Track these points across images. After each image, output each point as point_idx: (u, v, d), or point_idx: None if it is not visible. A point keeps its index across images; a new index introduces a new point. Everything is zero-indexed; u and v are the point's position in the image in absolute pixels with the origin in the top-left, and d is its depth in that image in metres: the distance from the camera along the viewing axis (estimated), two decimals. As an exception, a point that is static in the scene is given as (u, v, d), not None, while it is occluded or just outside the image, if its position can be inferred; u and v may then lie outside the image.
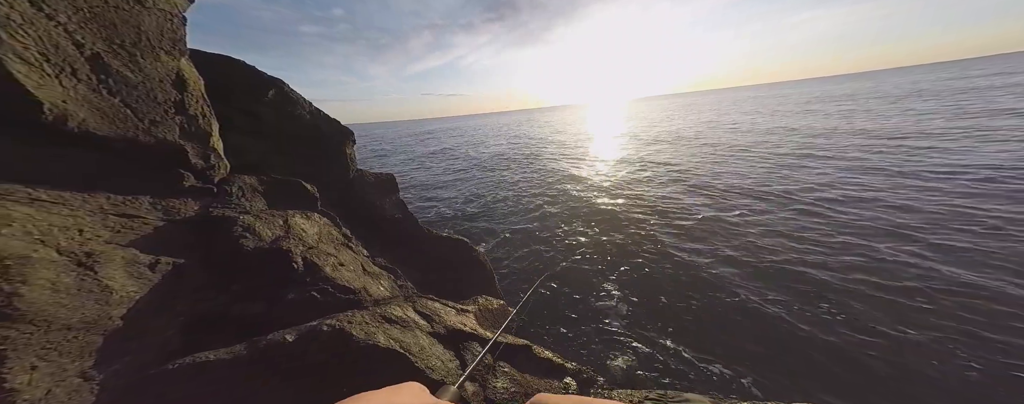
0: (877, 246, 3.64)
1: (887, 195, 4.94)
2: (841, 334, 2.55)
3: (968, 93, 16.16)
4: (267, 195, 2.04)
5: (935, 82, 24.90)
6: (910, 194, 4.78)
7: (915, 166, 6.08)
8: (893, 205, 4.53)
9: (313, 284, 1.55)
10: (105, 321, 1.10)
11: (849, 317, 2.72)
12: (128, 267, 1.21)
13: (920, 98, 16.80)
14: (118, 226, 1.30)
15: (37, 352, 0.96)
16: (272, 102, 2.48)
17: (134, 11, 1.46)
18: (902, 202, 4.57)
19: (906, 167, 6.07)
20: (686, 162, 8.99)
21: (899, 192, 4.94)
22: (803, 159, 7.73)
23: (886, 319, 2.64)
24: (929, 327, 2.50)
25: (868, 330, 2.54)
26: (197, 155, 1.69)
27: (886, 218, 4.25)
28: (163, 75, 1.56)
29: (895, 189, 5.08)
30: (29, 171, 1.18)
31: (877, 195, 4.87)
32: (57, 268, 1.04)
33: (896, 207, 4.45)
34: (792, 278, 3.34)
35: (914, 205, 4.43)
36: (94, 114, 1.31)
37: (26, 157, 1.20)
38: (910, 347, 2.36)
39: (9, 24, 1.06)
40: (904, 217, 4.17)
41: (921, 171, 5.69)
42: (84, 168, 1.33)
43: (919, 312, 2.65)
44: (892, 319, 2.61)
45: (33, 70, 1.12)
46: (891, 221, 4.15)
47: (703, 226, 4.82)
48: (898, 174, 5.78)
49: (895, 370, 2.20)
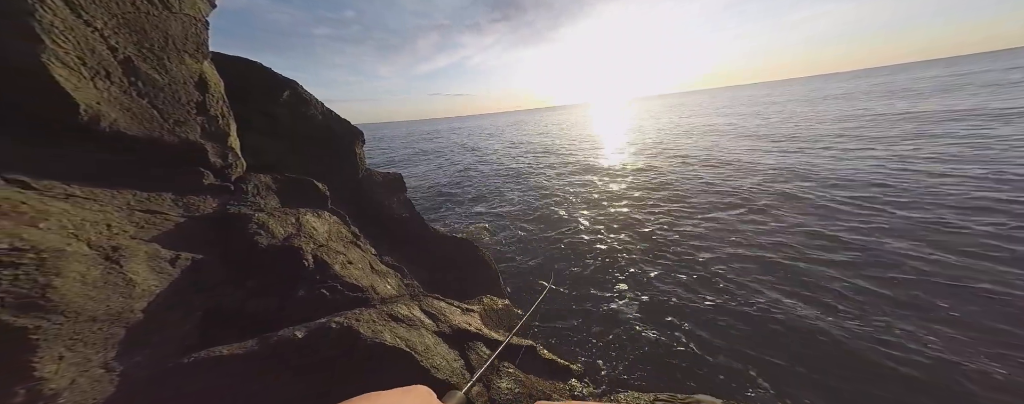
0: (896, 245, 3.52)
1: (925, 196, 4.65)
2: (859, 337, 2.45)
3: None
4: (280, 193, 2.10)
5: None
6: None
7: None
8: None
9: (323, 282, 1.58)
10: (127, 314, 1.15)
11: (867, 318, 2.60)
12: (150, 261, 1.26)
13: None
14: (142, 221, 1.35)
15: (65, 342, 1.00)
16: (287, 103, 2.56)
17: (162, 16, 1.54)
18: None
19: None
20: (694, 158, 8.86)
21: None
22: (819, 154, 7.51)
23: (907, 320, 2.52)
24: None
25: (889, 333, 2.43)
26: (216, 154, 1.75)
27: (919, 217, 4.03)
28: (187, 77, 1.63)
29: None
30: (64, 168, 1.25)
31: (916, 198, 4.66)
32: (87, 261, 1.09)
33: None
34: (805, 277, 3.25)
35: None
36: (124, 114, 1.38)
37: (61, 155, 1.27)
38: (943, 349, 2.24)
39: (53, 30, 1.13)
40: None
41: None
42: (113, 165, 1.40)
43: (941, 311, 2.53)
44: (916, 321, 2.50)
45: (72, 73, 1.20)
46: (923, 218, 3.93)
47: (712, 225, 4.73)
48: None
49: (927, 376, 2.08)
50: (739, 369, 2.26)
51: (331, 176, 2.58)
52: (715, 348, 2.46)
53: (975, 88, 16.02)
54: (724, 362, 2.34)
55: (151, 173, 1.51)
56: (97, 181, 1.33)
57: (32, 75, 1.13)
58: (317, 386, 1.16)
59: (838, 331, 2.47)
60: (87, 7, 1.24)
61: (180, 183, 1.61)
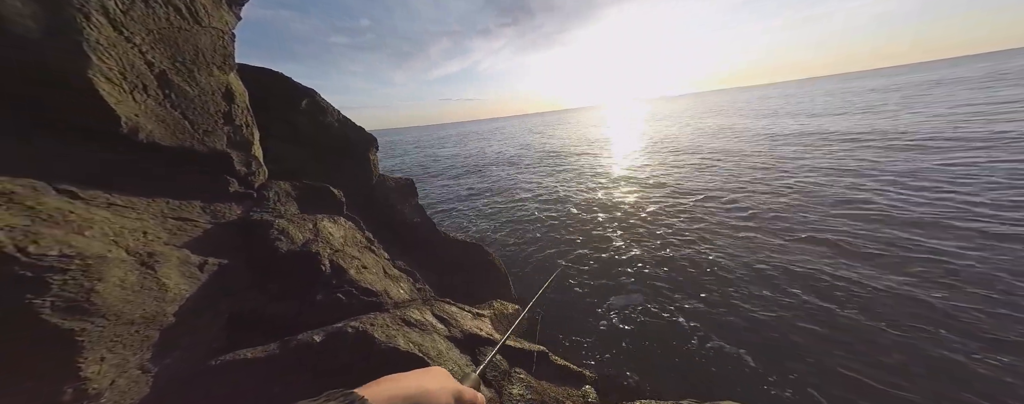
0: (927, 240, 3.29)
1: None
2: (878, 339, 2.31)
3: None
4: (299, 200, 2.17)
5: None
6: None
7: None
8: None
9: (339, 286, 1.62)
10: (161, 317, 1.21)
11: (883, 320, 2.45)
12: (181, 267, 1.33)
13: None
14: (174, 228, 1.42)
15: (107, 345, 1.06)
16: (306, 111, 2.65)
17: (193, 31, 1.62)
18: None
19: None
20: (706, 164, 8.61)
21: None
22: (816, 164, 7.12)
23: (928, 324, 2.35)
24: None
25: (903, 335, 2.27)
26: (241, 162, 1.83)
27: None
28: (215, 89, 1.71)
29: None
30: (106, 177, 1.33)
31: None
32: (126, 267, 1.16)
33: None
34: (818, 278, 3.10)
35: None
36: (160, 126, 1.46)
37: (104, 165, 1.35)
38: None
39: (98, 47, 1.21)
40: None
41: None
42: (150, 175, 1.48)
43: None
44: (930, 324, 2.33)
45: (115, 88, 1.27)
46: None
47: (725, 226, 4.59)
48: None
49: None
50: (759, 373, 2.16)
51: (347, 182, 2.65)
52: (733, 351, 2.36)
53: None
54: (743, 366, 2.25)
55: (182, 181, 1.59)
56: (135, 190, 1.40)
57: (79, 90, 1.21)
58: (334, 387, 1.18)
59: (863, 334, 2.33)
60: (128, 24, 1.32)
61: (208, 191, 1.69)
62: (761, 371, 2.21)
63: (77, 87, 1.19)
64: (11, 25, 1.06)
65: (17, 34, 1.07)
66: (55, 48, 1.14)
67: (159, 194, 1.48)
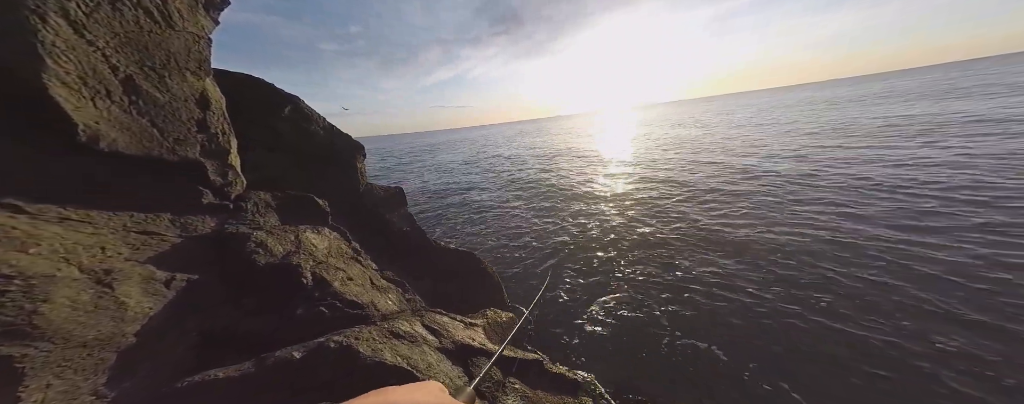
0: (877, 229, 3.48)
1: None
2: (882, 341, 2.37)
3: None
4: (280, 211, 2.08)
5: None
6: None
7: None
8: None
9: (322, 299, 1.54)
10: (119, 338, 1.11)
11: (888, 324, 2.51)
12: (144, 284, 1.23)
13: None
14: (138, 243, 1.32)
15: (53, 370, 0.96)
16: (289, 118, 2.57)
17: (165, 35, 1.56)
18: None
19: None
20: (691, 167, 8.95)
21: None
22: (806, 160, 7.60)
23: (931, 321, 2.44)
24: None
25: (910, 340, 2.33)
26: (216, 172, 1.74)
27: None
28: (188, 95, 1.63)
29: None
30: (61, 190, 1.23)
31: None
32: (78, 286, 1.06)
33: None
34: (812, 279, 3.20)
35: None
36: (124, 134, 1.36)
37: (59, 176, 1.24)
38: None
39: (54, 50, 1.13)
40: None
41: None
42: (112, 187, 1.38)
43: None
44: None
45: (72, 93, 1.19)
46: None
47: (717, 231, 4.72)
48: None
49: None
50: (756, 377, 2.18)
51: (332, 191, 2.57)
52: (727, 357, 2.39)
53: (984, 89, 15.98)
54: (738, 371, 2.27)
55: (150, 193, 1.49)
56: (93, 203, 1.30)
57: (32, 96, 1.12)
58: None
59: (860, 339, 2.38)
60: (90, 26, 1.25)
61: (179, 203, 1.59)
62: (755, 373, 2.24)
63: (30, 92, 1.11)
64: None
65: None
66: (6, 50, 1.06)
67: (123, 207, 1.37)
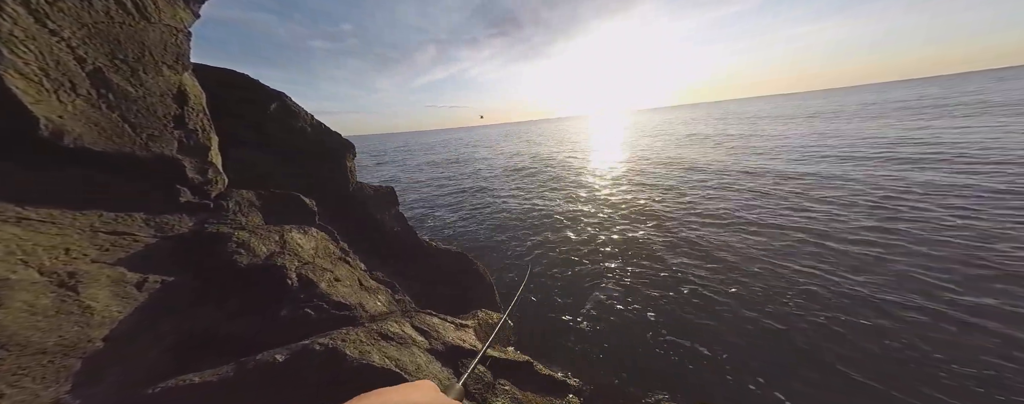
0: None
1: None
2: (857, 341, 2.47)
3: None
4: (265, 210, 2.01)
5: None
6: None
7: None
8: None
9: (307, 300, 1.50)
10: (84, 343, 1.05)
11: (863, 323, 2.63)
12: (113, 286, 1.16)
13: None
14: (107, 244, 1.25)
15: (7, 379, 0.90)
16: (275, 115, 2.49)
17: (139, 27, 1.48)
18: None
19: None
20: (690, 166, 9.17)
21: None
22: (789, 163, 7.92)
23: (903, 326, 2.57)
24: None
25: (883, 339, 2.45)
26: (195, 170, 1.66)
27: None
28: (164, 89, 1.56)
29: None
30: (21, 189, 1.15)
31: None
32: (36, 290, 1.00)
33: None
34: (788, 281, 3.32)
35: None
36: (91, 129, 1.29)
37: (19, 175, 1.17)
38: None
39: (11, 40, 1.06)
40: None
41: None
42: (79, 185, 1.30)
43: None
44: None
45: (32, 85, 1.12)
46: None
47: (703, 233, 4.84)
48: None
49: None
50: (741, 375, 2.24)
51: (321, 190, 2.50)
52: (714, 354, 2.45)
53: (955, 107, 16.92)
54: (723, 368, 2.33)
55: (121, 191, 1.41)
56: (57, 201, 1.22)
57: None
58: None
59: (836, 333, 2.48)
60: (53, 16, 1.18)
61: (153, 202, 1.51)
62: (740, 373, 2.28)
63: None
64: None
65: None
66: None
67: (91, 206, 1.30)
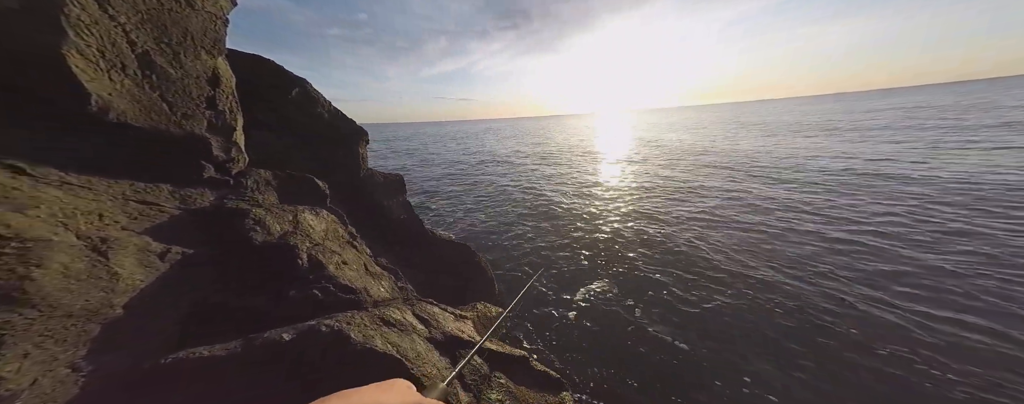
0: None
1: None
2: (862, 337, 2.44)
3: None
4: (280, 189, 2.09)
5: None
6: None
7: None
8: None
9: (316, 282, 1.55)
10: (106, 310, 1.10)
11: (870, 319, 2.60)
12: (139, 255, 1.23)
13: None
14: (136, 213, 1.33)
15: (34, 339, 0.94)
16: (295, 100, 2.60)
17: (184, 13, 1.59)
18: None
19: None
20: (690, 172, 9.14)
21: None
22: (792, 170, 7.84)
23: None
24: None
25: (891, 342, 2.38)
26: (220, 148, 1.75)
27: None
28: (201, 72, 1.66)
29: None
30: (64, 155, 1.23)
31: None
32: (73, 252, 1.06)
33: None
34: (790, 279, 3.28)
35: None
36: (134, 106, 1.38)
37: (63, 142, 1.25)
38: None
39: (79, 24, 1.16)
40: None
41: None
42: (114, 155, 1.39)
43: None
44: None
45: (89, 65, 1.21)
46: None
47: (705, 228, 4.81)
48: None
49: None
50: (735, 378, 2.21)
51: (333, 174, 2.59)
52: (708, 356, 2.42)
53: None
54: (718, 370, 2.29)
55: (151, 164, 1.50)
56: (95, 170, 1.31)
57: (51, 66, 1.14)
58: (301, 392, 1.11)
59: (836, 337, 2.45)
60: (114, 3, 1.28)
61: (179, 175, 1.60)
62: (735, 376, 2.26)
63: (46, 62, 1.12)
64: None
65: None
66: (32, 22, 1.08)
67: (124, 175, 1.38)
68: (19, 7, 1.06)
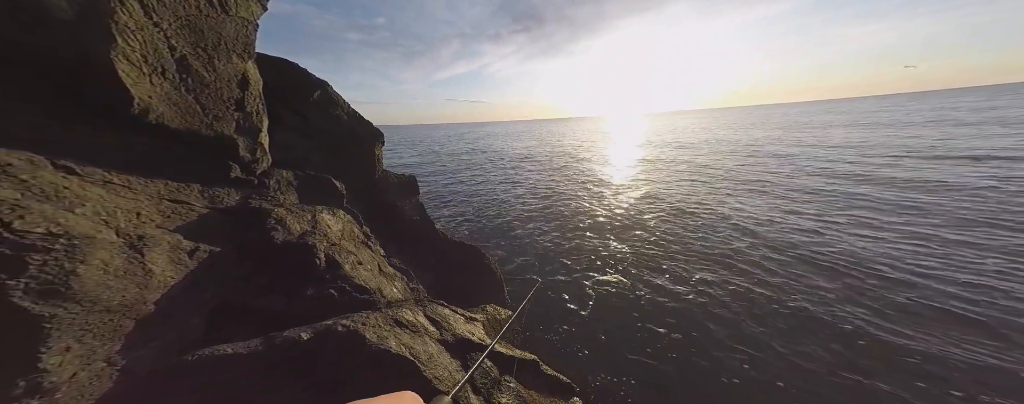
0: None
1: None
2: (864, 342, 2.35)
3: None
4: (300, 189, 2.14)
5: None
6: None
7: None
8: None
9: (332, 282, 1.58)
10: (139, 305, 1.13)
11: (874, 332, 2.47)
12: (171, 252, 1.27)
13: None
14: (169, 211, 1.38)
15: (75, 334, 0.96)
16: (317, 102, 2.67)
17: (220, 19, 1.66)
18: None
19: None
20: (705, 175, 8.92)
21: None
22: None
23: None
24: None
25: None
26: (246, 148, 1.82)
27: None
28: (231, 76, 1.73)
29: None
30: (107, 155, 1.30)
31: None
32: (113, 249, 1.10)
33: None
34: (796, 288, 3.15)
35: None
36: (171, 108, 1.45)
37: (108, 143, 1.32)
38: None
39: (125, 31, 1.23)
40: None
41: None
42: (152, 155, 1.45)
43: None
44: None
45: (133, 69, 1.28)
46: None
47: (719, 241, 4.63)
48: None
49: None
50: (746, 383, 2.14)
51: (350, 175, 2.64)
52: (719, 365, 2.34)
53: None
54: (732, 380, 2.22)
55: (183, 163, 1.57)
56: (133, 168, 1.37)
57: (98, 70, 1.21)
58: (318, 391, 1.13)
59: (862, 342, 2.36)
60: (158, 9, 1.35)
61: (209, 175, 1.66)
62: (744, 379, 2.18)
63: (96, 67, 1.19)
64: (48, 5, 1.07)
65: (51, 15, 1.09)
66: (84, 29, 1.14)
67: (159, 174, 1.44)
68: (74, 17, 1.12)
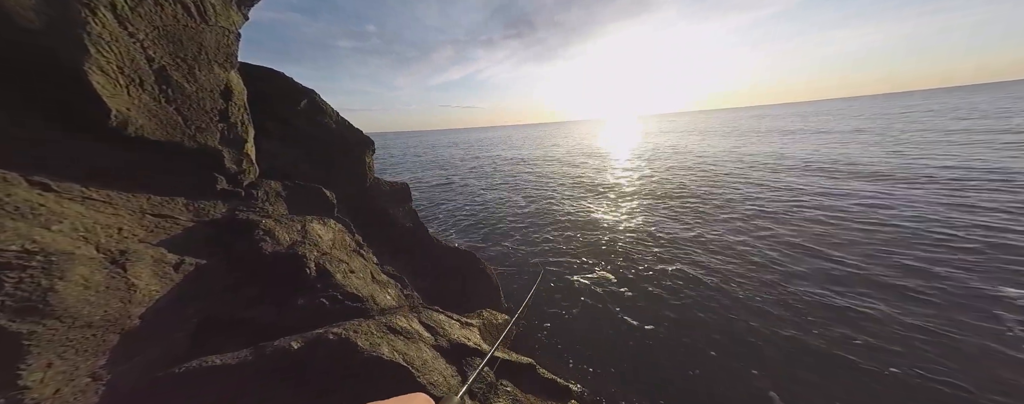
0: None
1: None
2: (864, 345, 2.38)
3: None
4: (289, 200, 2.12)
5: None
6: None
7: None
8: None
9: (323, 291, 1.56)
10: (124, 320, 1.12)
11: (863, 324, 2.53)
12: (155, 266, 1.26)
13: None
14: (152, 225, 1.36)
15: (57, 349, 0.96)
16: (304, 111, 2.65)
17: (199, 28, 1.64)
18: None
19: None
20: (699, 178, 9.06)
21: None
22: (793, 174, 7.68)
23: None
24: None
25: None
26: (231, 160, 1.79)
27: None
28: (214, 86, 1.71)
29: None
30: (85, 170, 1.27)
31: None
32: (93, 265, 1.08)
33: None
34: (799, 290, 3.19)
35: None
36: (151, 120, 1.43)
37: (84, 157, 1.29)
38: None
39: (99, 42, 1.21)
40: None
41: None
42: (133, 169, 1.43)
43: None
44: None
45: (109, 81, 1.26)
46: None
47: (713, 241, 4.71)
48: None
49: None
50: (748, 389, 2.17)
51: (340, 183, 2.62)
52: (725, 370, 2.37)
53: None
54: (732, 381, 2.25)
55: (167, 177, 1.54)
56: (114, 183, 1.34)
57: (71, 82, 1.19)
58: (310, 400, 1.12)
59: (857, 346, 2.37)
60: (134, 20, 1.33)
61: (193, 188, 1.63)
62: (746, 383, 2.22)
63: (70, 79, 1.17)
64: (14, 16, 1.05)
65: (19, 25, 1.06)
66: (55, 40, 1.13)
67: (141, 189, 1.42)
68: (43, 27, 1.10)
